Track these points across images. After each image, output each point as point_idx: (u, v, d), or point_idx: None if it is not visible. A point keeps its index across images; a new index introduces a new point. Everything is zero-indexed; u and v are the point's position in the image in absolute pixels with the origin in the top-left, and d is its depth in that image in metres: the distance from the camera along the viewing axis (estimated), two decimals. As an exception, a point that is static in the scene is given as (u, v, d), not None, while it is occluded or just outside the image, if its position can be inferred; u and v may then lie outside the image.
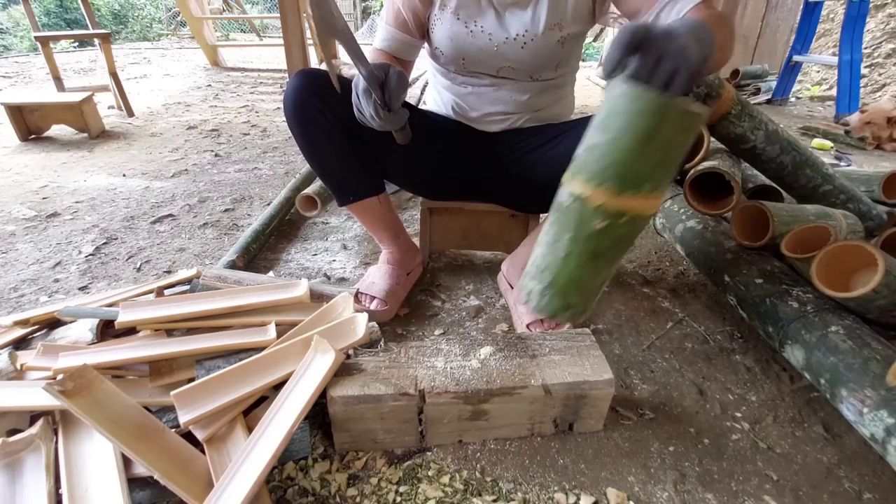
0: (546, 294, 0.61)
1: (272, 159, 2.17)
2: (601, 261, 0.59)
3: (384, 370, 0.73)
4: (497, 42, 0.91)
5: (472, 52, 0.93)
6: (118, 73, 2.84)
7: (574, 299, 0.61)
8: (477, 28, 0.90)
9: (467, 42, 0.92)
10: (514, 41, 0.90)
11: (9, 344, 0.80)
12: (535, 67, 0.94)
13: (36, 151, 2.19)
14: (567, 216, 0.58)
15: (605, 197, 0.53)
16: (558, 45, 0.91)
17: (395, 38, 0.95)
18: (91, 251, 1.34)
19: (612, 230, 0.55)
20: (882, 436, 0.68)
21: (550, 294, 0.61)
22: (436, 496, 0.68)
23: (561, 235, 0.59)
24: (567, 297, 0.61)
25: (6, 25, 7.76)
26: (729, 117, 1.07)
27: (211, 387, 0.68)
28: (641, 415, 0.83)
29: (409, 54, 0.98)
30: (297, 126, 0.90)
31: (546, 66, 0.94)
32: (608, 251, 0.58)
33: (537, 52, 0.91)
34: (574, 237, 0.57)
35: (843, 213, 1.11)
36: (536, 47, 0.90)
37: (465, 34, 0.91)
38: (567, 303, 0.61)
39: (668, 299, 1.17)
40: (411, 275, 1.16)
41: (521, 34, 0.89)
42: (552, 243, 0.60)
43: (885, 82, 3.83)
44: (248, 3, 9.53)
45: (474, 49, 0.92)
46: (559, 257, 0.59)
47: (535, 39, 0.89)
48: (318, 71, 0.90)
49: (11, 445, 0.62)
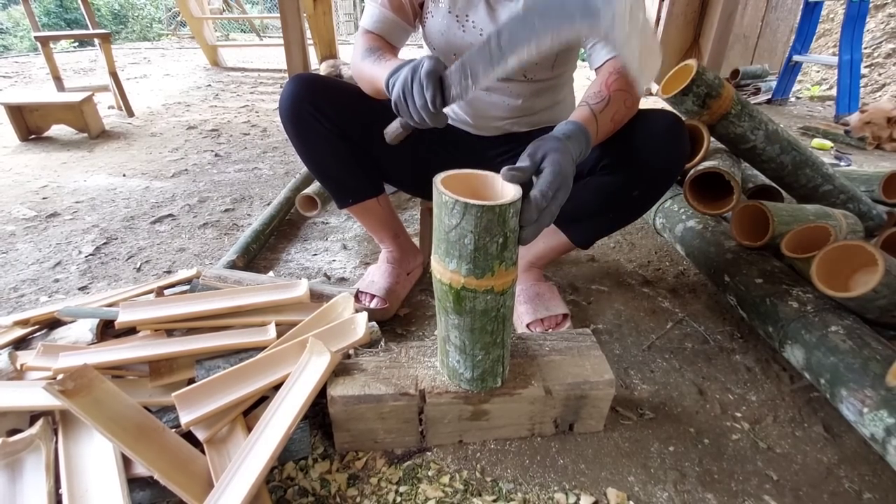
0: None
1: (272, 159, 2.17)
2: (487, 333, 0.66)
3: (385, 370, 0.73)
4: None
5: (463, 47, 0.91)
6: (118, 73, 2.84)
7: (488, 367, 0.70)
8: (469, 23, 0.89)
9: (458, 37, 0.90)
10: None
11: (9, 344, 0.80)
12: (528, 65, 0.92)
13: (36, 151, 2.19)
14: (439, 296, 0.67)
15: (453, 278, 0.61)
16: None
17: (388, 19, 0.91)
18: (91, 251, 1.34)
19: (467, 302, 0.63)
20: (882, 436, 0.68)
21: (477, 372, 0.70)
22: (436, 496, 0.68)
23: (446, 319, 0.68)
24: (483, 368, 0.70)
25: (6, 25, 7.76)
26: (729, 117, 1.07)
27: (211, 388, 0.68)
28: (641, 415, 0.83)
29: (398, 39, 0.94)
30: (293, 131, 0.90)
31: (540, 64, 0.92)
32: (479, 324, 0.65)
33: None
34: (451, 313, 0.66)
35: (843, 213, 1.11)
36: None
37: (456, 28, 0.90)
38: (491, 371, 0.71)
39: (668, 299, 1.17)
40: (411, 275, 1.16)
41: None
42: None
43: (885, 82, 3.83)
44: (248, 3, 9.52)
45: (465, 45, 0.90)
46: (456, 345, 0.68)
47: None
48: (313, 75, 0.90)
49: (11, 445, 0.62)
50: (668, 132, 0.79)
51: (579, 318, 1.08)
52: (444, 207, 0.57)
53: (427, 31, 0.93)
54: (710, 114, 1.07)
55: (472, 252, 0.58)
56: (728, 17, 3.06)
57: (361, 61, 0.85)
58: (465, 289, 0.61)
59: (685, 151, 0.82)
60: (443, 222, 0.58)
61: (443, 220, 0.58)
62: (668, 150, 0.79)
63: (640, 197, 0.84)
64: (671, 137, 0.79)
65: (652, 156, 0.78)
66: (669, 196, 1.40)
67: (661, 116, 0.79)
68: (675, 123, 0.79)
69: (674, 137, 0.79)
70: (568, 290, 1.20)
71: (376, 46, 0.86)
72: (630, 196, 0.83)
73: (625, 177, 0.82)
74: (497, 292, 0.62)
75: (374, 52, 0.84)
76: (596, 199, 0.86)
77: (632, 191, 0.82)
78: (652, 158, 0.79)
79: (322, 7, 3.88)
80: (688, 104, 1.07)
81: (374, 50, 0.85)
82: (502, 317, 0.66)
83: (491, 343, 0.67)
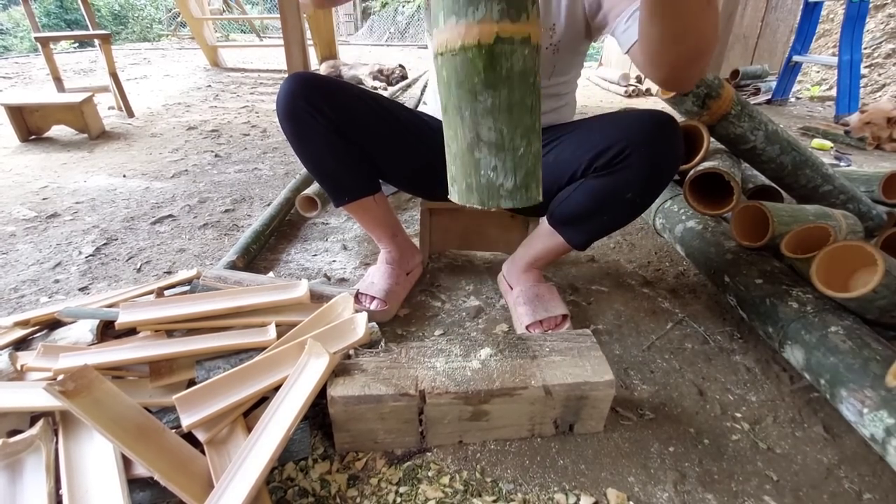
0: (504, 175, 0.55)
1: (272, 160, 2.17)
2: (527, 112, 0.53)
3: (385, 370, 0.73)
4: None
5: None
6: (118, 73, 2.84)
7: (523, 171, 0.55)
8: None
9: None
10: None
11: (9, 345, 0.80)
12: None
13: (36, 152, 2.19)
14: (459, 80, 0.52)
15: (483, 29, 0.47)
16: (549, 52, 0.89)
17: None
18: (91, 252, 1.35)
19: (504, 66, 0.50)
20: (882, 436, 0.68)
21: (507, 174, 0.55)
22: (436, 497, 0.68)
23: (463, 112, 0.53)
24: (517, 173, 0.55)
25: (6, 26, 7.76)
26: (729, 117, 1.08)
27: (212, 390, 0.68)
28: (641, 415, 0.83)
29: None
30: (289, 128, 0.91)
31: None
32: (518, 96, 0.52)
33: None
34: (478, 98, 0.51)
35: (843, 214, 1.11)
36: None
37: None
38: (525, 178, 0.56)
39: (668, 300, 1.17)
40: (411, 275, 1.16)
41: None
42: (460, 130, 0.54)
43: (884, 82, 3.83)
44: (247, 4, 9.53)
45: None
46: (490, 140, 0.53)
47: None
48: (310, 74, 0.90)
49: (12, 446, 0.62)
50: (662, 133, 0.78)
51: (579, 319, 1.09)
52: None
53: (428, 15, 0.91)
54: (709, 114, 1.07)
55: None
56: (728, 17, 3.07)
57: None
58: (501, 39, 0.48)
59: (679, 153, 0.82)
60: None
61: None
62: (662, 152, 0.79)
63: (634, 199, 0.83)
64: (665, 139, 0.79)
65: (645, 157, 0.78)
66: (669, 196, 1.40)
67: (655, 117, 0.79)
68: (669, 124, 0.79)
69: (667, 138, 0.79)
70: (568, 290, 1.20)
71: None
72: (624, 198, 0.83)
73: (618, 179, 0.81)
74: (534, 44, 0.50)
75: None
76: (590, 201, 0.86)
77: (625, 193, 0.82)
78: (646, 160, 0.78)
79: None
80: (687, 105, 1.07)
81: None
82: (538, 89, 0.54)
83: (531, 128, 0.54)
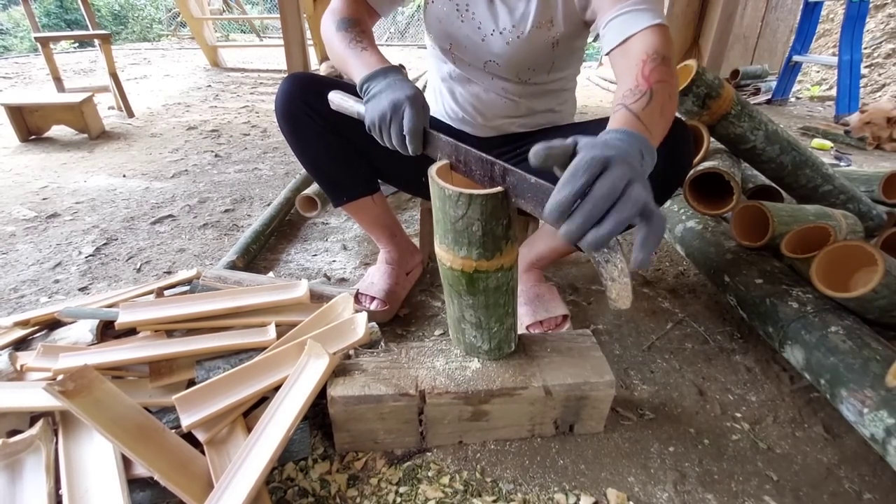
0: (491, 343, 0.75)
1: (272, 160, 2.17)
2: (500, 307, 0.70)
3: (385, 371, 0.73)
4: (485, 32, 0.87)
5: (460, 37, 0.90)
6: (118, 73, 2.84)
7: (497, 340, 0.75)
8: (468, 14, 0.88)
9: (455, 26, 0.89)
10: (502, 35, 0.86)
11: (9, 345, 0.80)
12: (521, 67, 0.90)
13: (36, 152, 2.19)
14: (450, 282, 0.69)
15: (465, 263, 0.63)
16: (549, 47, 0.88)
17: None
18: (91, 252, 1.35)
19: (479, 282, 0.65)
20: (882, 436, 0.68)
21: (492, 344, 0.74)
22: (436, 497, 0.68)
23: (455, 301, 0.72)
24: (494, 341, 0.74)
25: (6, 26, 7.76)
26: (729, 117, 1.08)
27: (212, 390, 0.68)
28: (641, 415, 0.83)
29: (381, 6, 0.89)
30: (287, 128, 0.91)
31: (535, 68, 0.91)
32: (493, 299, 0.68)
33: (522, 50, 0.87)
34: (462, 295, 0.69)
35: (843, 214, 1.11)
36: (521, 45, 0.86)
37: (455, 18, 0.88)
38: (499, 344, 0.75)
39: (668, 300, 1.17)
40: (411, 275, 1.16)
41: (509, 29, 0.86)
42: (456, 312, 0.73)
43: (884, 82, 3.83)
44: (247, 4, 9.52)
45: (461, 35, 0.89)
46: (472, 322, 0.72)
47: (522, 37, 0.85)
48: (307, 74, 0.90)
49: (12, 446, 0.62)
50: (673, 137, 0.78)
51: (579, 319, 1.08)
52: (447, 201, 0.59)
53: (427, 14, 0.92)
54: (709, 114, 1.07)
55: (480, 238, 0.60)
56: (728, 17, 3.06)
57: (336, 32, 0.81)
58: (478, 271, 0.64)
59: (690, 156, 0.81)
60: (448, 214, 0.60)
61: (447, 212, 0.60)
62: (673, 156, 0.78)
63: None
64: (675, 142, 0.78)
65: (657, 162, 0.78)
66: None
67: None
68: (680, 127, 0.77)
69: (678, 142, 0.78)
70: (568, 290, 1.20)
71: (354, 19, 0.82)
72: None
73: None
74: (506, 269, 0.65)
75: (352, 29, 0.80)
76: None
77: None
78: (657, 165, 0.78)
79: (322, 7, 3.88)
80: (688, 104, 1.07)
81: (351, 24, 0.81)
82: (511, 289, 0.70)
83: (504, 314, 0.71)
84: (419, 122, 0.66)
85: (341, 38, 0.80)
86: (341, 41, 0.80)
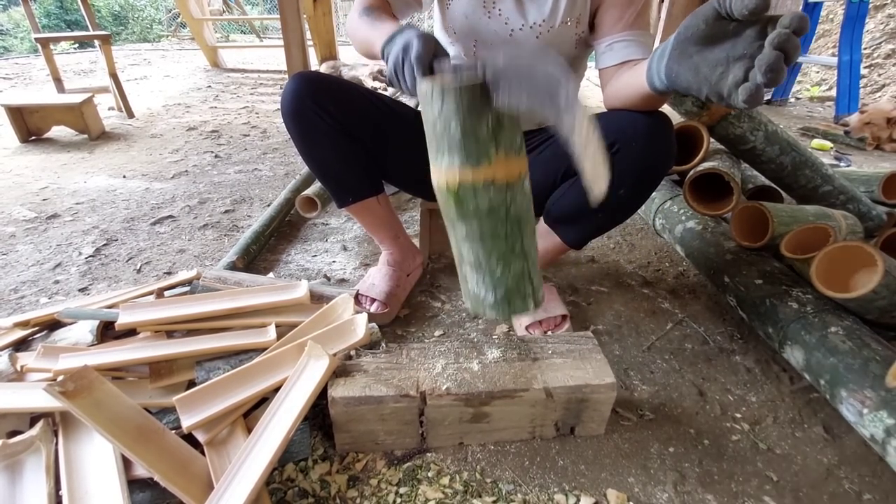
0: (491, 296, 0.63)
1: (272, 160, 2.17)
2: (500, 239, 0.59)
3: (385, 372, 0.73)
4: (513, 27, 0.89)
5: (486, 34, 0.91)
6: (118, 74, 2.84)
7: (513, 288, 0.63)
8: (495, 10, 0.89)
9: (483, 23, 0.90)
10: (531, 30, 0.88)
11: (9, 345, 0.80)
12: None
13: (36, 153, 2.19)
14: (442, 210, 0.61)
15: (449, 175, 0.55)
16: (573, 44, 0.90)
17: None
18: (91, 252, 1.35)
19: (480, 203, 0.57)
20: (882, 436, 0.68)
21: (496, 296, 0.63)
22: (435, 497, 0.68)
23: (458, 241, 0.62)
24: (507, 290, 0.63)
25: (6, 27, 7.76)
26: (728, 118, 1.08)
27: (212, 391, 0.68)
28: (641, 416, 0.83)
29: (401, 12, 0.91)
30: (294, 128, 0.90)
31: None
32: (489, 228, 0.58)
33: (552, 44, 0.89)
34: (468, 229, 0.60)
35: (843, 214, 1.11)
36: (551, 39, 0.88)
37: (481, 14, 0.89)
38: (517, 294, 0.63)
39: (668, 300, 1.17)
40: (411, 276, 1.16)
41: (539, 23, 0.87)
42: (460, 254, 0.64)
43: (884, 83, 3.83)
44: (247, 5, 9.53)
45: (489, 32, 0.90)
46: (470, 261, 0.62)
47: (552, 31, 0.87)
48: (315, 73, 0.90)
49: (12, 447, 0.62)
50: (653, 130, 0.78)
51: (579, 319, 1.09)
52: (424, 99, 0.53)
53: (450, 12, 0.92)
54: (709, 115, 1.07)
55: (460, 140, 0.52)
56: (727, 17, 3.06)
57: (358, 18, 0.83)
58: (463, 185, 0.54)
59: (671, 149, 0.82)
60: (427, 117, 0.54)
61: (427, 115, 0.54)
62: (654, 148, 0.79)
63: (627, 196, 0.83)
64: (656, 134, 0.79)
65: (637, 154, 0.78)
66: (669, 197, 1.40)
67: (647, 115, 0.79)
68: (660, 121, 0.79)
69: (659, 134, 0.79)
70: (568, 290, 1.20)
71: (375, 7, 0.84)
72: (617, 195, 0.82)
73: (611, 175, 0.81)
74: (499, 185, 0.55)
75: (372, 13, 0.82)
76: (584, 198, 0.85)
77: (618, 189, 0.82)
78: (637, 156, 0.78)
79: (322, 8, 3.88)
80: (687, 105, 1.07)
81: (372, 10, 0.83)
82: (516, 218, 0.58)
83: (508, 252, 0.59)
84: (426, 51, 0.63)
85: (363, 23, 0.82)
86: (363, 24, 0.81)
